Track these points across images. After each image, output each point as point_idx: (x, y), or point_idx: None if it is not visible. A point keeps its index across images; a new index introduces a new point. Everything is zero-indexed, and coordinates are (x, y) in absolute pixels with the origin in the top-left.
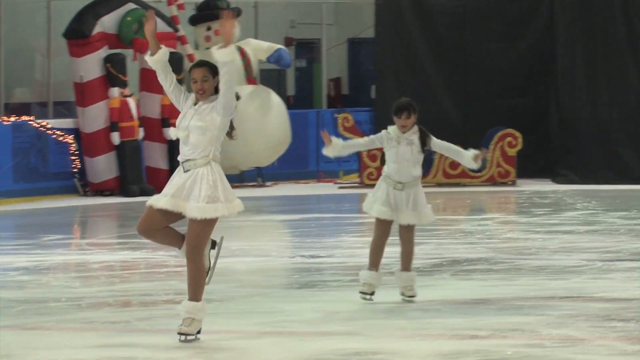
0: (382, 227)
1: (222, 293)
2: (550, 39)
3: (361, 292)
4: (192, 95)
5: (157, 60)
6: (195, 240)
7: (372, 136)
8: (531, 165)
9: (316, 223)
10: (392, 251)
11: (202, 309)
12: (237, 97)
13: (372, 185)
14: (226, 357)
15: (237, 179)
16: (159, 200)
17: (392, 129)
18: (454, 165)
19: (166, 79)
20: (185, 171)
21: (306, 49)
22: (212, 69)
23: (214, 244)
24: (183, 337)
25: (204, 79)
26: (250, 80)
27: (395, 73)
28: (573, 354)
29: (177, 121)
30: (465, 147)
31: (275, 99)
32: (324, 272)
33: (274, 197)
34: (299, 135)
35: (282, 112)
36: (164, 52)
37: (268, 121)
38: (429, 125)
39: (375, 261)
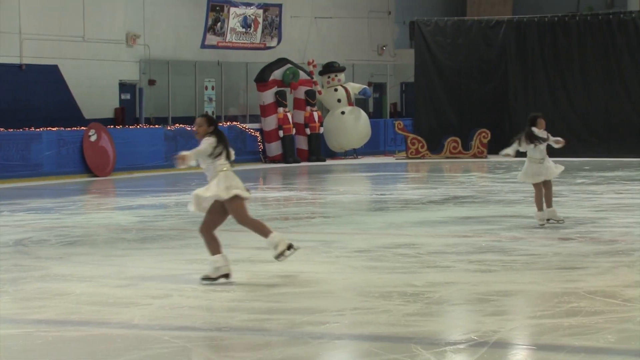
0: (538, 187)
1: (335, 213)
2: (505, 84)
3: (540, 224)
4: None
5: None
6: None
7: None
8: (495, 147)
9: (384, 177)
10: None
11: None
12: (343, 112)
13: (415, 158)
14: (337, 245)
15: (342, 154)
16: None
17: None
18: (455, 147)
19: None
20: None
21: (379, 87)
22: (208, 120)
23: (290, 246)
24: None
25: (199, 125)
26: (350, 104)
27: (424, 100)
28: (516, 245)
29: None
30: (463, 139)
31: (363, 114)
32: (387, 202)
33: (362, 163)
34: (375, 132)
35: (366, 120)
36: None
37: (359, 124)
38: (441, 128)
39: (540, 206)
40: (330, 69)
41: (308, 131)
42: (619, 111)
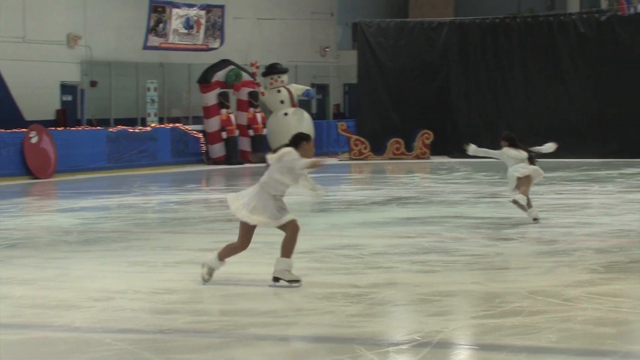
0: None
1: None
2: (448, 85)
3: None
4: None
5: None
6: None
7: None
8: (438, 148)
9: (327, 179)
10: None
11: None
12: (286, 114)
13: (358, 160)
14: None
15: None
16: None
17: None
18: (398, 148)
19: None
20: None
21: (322, 89)
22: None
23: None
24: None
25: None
26: (293, 105)
27: (367, 101)
28: (459, 246)
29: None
30: (406, 141)
31: (307, 115)
32: (331, 204)
33: None
34: (318, 133)
35: (310, 121)
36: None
37: (302, 125)
38: (384, 129)
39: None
40: (273, 70)
41: (251, 132)
42: (560, 112)
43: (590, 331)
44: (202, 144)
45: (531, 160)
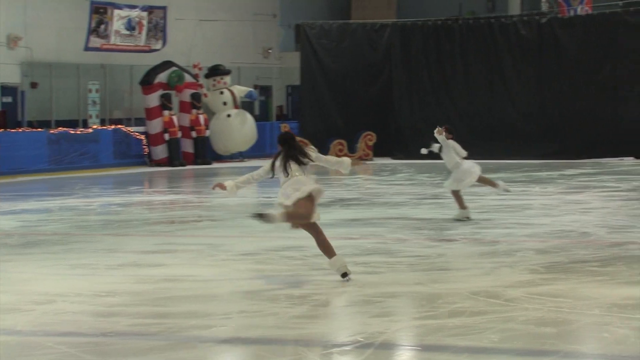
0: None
1: (221, 217)
2: (390, 86)
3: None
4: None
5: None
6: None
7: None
8: (381, 149)
9: (270, 180)
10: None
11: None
12: (229, 115)
13: None
14: (223, 249)
15: (229, 157)
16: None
17: None
18: (341, 150)
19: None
20: None
21: (265, 90)
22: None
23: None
24: (346, 278)
25: None
26: (236, 107)
27: (310, 103)
28: (401, 247)
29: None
30: (349, 142)
31: (249, 117)
32: (273, 205)
33: (248, 166)
34: (261, 135)
35: (252, 123)
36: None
37: (245, 128)
38: (326, 131)
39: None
40: (215, 71)
41: (194, 134)
42: (501, 113)
43: (532, 331)
44: (145, 145)
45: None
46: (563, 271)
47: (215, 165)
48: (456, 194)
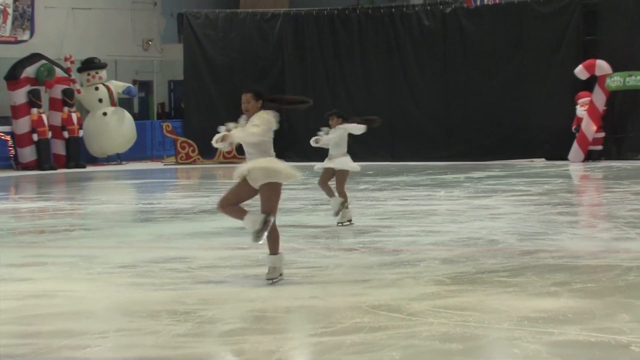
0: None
1: (96, 225)
2: (283, 80)
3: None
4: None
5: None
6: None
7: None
8: (275, 149)
9: (151, 185)
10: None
11: (281, 259)
12: (104, 114)
13: (185, 164)
14: (99, 261)
15: (105, 160)
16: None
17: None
18: (230, 151)
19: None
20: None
21: (144, 86)
22: (255, 94)
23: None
24: (270, 281)
25: (247, 101)
26: (113, 104)
27: (195, 99)
28: (296, 257)
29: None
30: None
31: (128, 115)
32: (155, 212)
33: (127, 170)
34: (140, 135)
35: (131, 122)
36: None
37: (123, 127)
38: (213, 130)
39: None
40: (90, 65)
41: (66, 134)
42: (403, 110)
43: (437, 347)
44: (10, 147)
45: None
46: (470, 282)
47: (89, 168)
48: (324, 184)
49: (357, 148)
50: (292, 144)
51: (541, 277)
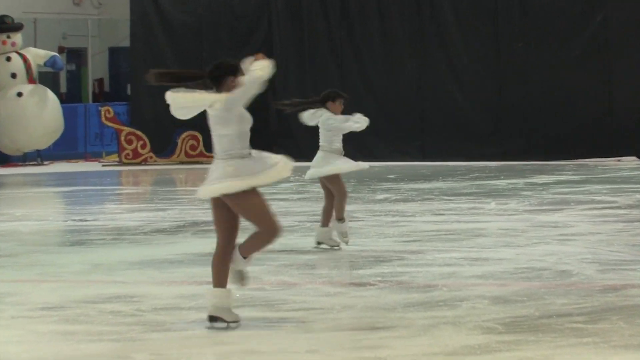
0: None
1: (9, 250)
2: (269, 48)
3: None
4: None
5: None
6: None
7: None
8: (258, 145)
9: (84, 194)
10: None
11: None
12: (19, 94)
13: (132, 164)
14: (13, 300)
15: (20, 159)
16: None
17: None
18: (195, 147)
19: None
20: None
21: (75, 55)
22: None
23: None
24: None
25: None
26: (31, 80)
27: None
28: (288, 295)
29: None
30: (205, 135)
31: (51, 96)
32: (90, 233)
33: (50, 173)
34: (70, 124)
35: (56, 106)
36: None
37: (45, 113)
38: (171, 118)
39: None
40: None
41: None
42: (437, 92)
43: None
44: None
45: None
46: (532, 330)
47: None
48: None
49: (371, 144)
50: (282, 135)
51: (630, 323)
